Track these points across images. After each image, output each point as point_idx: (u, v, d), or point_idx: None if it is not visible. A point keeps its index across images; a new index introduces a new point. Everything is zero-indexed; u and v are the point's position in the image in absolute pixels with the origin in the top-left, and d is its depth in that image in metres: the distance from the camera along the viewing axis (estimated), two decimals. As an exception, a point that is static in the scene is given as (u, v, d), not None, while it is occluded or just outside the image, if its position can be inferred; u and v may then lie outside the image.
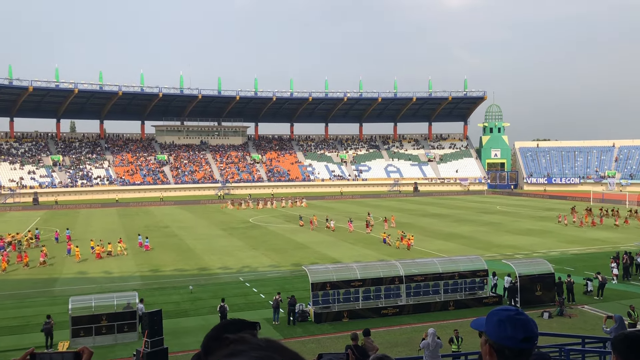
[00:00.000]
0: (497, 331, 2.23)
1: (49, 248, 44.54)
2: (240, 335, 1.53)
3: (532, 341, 2.22)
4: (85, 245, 44.87)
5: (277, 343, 1.47)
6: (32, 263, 39.58)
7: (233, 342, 1.48)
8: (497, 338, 2.23)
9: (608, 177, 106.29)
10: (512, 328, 2.21)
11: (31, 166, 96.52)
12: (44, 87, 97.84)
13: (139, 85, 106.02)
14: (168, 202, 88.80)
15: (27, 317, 27.14)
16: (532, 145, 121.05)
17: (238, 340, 1.48)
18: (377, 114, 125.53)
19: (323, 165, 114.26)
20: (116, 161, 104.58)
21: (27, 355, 1.85)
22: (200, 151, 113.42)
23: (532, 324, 2.25)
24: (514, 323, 2.22)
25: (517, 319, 2.23)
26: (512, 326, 2.21)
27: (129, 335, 23.87)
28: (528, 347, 2.21)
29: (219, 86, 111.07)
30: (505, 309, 2.29)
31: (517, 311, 2.29)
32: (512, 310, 2.29)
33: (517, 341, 2.20)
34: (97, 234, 51.86)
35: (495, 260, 37.25)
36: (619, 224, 55.96)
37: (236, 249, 45.38)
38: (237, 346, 1.46)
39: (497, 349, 2.23)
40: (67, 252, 43.55)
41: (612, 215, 60.79)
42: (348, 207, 78.07)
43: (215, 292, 30.53)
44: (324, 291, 26.51)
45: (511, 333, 2.20)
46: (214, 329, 1.71)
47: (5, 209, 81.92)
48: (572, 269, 34.69)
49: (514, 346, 2.20)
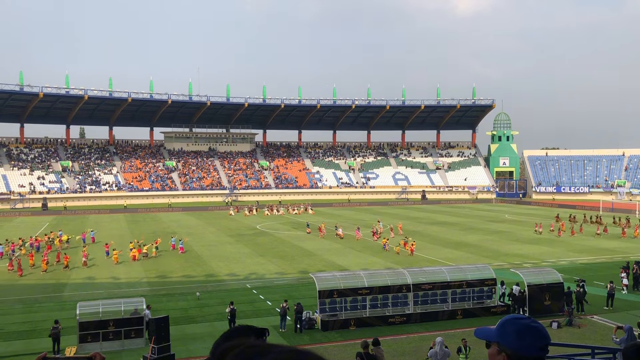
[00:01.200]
0: (516, 341, 2.20)
1: (77, 250, 45.95)
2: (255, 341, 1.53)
3: (547, 349, 2.22)
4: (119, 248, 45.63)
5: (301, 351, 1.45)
6: (70, 264, 40.79)
7: (249, 347, 1.46)
8: (516, 348, 2.19)
9: (618, 186, 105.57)
10: (531, 336, 2.19)
11: (41, 172, 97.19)
12: (54, 93, 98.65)
13: (148, 92, 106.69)
14: (176, 209, 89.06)
15: (36, 322, 27.24)
16: (541, 154, 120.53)
17: (255, 345, 1.46)
18: (385, 122, 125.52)
19: (331, 172, 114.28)
20: (125, 167, 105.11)
21: (40, 359, 1.86)
22: (209, 158, 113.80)
23: (546, 331, 2.25)
24: (532, 331, 2.20)
25: (533, 327, 2.22)
26: (531, 335, 2.20)
27: (136, 341, 23.89)
28: (545, 354, 2.20)
29: (227, 93, 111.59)
30: (519, 318, 2.27)
31: (532, 319, 2.29)
32: (527, 319, 2.27)
33: (537, 349, 2.18)
34: (107, 240, 52.08)
35: (503, 269, 37.02)
36: (600, 233, 55.55)
37: (243, 255, 45.40)
38: (257, 349, 1.44)
39: (515, 358, 2.20)
40: (106, 254, 44.82)
41: (595, 222, 61.73)
42: (356, 215, 77.96)
43: (222, 299, 30.52)
44: (331, 299, 26.44)
45: (530, 342, 2.19)
46: (224, 335, 1.71)
47: (15, 214, 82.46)
48: (583, 278, 34.39)
49: (533, 354, 2.18)
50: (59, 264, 41.20)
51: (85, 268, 40.39)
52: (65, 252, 44.14)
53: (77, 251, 46.11)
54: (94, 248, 48.33)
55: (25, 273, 38.58)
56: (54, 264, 41.02)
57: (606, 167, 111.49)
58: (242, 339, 1.53)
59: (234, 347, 1.48)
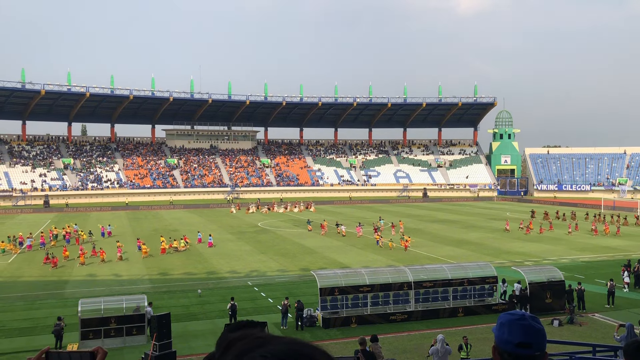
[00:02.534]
0: (497, 334, 2.22)
1: (97, 244, 47.78)
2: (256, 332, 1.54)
3: (530, 348, 2.15)
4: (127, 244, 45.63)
5: (296, 340, 1.48)
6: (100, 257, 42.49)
7: (257, 337, 1.48)
8: (497, 341, 2.21)
9: (619, 184, 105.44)
10: (509, 332, 2.17)
11: (42, 169, 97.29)
12: (56, 90, 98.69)
13: (150, 90, 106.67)
14: (178, 206, 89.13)
15: (37, 318, 27.32)
16: (543, 152, 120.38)
17: (259, 336, 1.48)
18: (387, 119, 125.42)
19: (332, 170, 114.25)
20: (126, 164, 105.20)
21: (43, 353, 1.86)
22: (210, 155, 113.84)
23: (533, 330, 2.18)
24: (512, 327, 2.18)
25: (517, 323, 2.18)
26: (509, 330, 2.17)
27: (137, 338, 23.95)
28: (525, 353, 2.15)
29: (229, 90, 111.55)
30: (511, 313, 2.25)
31: (522, 316, 2.22)
32: (517, 315, 2.23)
33: (512, 345, 2.16)
34: (122, 236, 52.24)
35: (505, 267, 37.02)
36: (571, 231, 55.45)
37: (245, 253, 45.45)
38: (260, 340, 1.46)
39: (499, 352, 2.21)
40: (137, 248, 46.13)
41: (568, 219, 62.48)
42: (357, 212, 77.97)
43: (223, 296, 30.58)
44: (332, 296, 26.47)
45: (507, 337, 2.17)
46: (228, 327, 1.73)
47: (17, 211, 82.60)
48: (583, 276, 34.43)
49: (510, 350, 2.17)
50: (94, 257, 42.92)
51: (102, 264, 41.11)
52: (102, 248, 45.14)
53: (91, 245, 46.40)
54: (108, 242, 49.98)
55: (61, 264, 40.81)
56: (90, 256, 42.89)
57: (608, 165, 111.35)
58: (246, 331, 1.55)
59: (240, 338, 1.49)
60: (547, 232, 56.25)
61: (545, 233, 55.76)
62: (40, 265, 40.39)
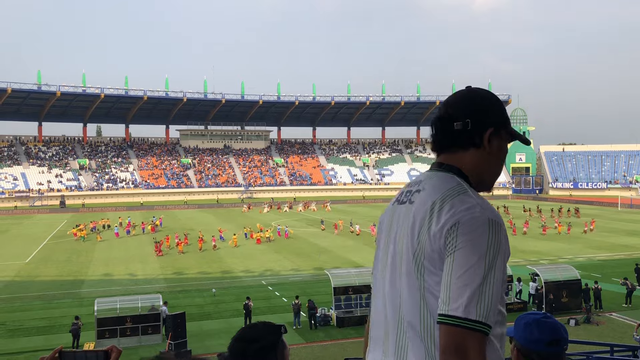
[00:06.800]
0: (524, 335, 2.21)
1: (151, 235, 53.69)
2: None
3: (560, 345, 2.19)
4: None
5: None
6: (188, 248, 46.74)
7: None
8: (524, 342, 2.21)
9: (637, 182, 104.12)
10: (539, 331, 2.18)
11: (58, 169, 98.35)
12: (71, 92, 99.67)
13: (164, 90, 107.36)
14: (192, 206, 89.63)
15: (54, 317, 27.63)
16: (558, 150, 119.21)
17: None
18: (400, 118, 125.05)
19: (345, 169, 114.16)
20: (141, 165, 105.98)
21: (56, 353, 1.88)
22: (224, 155, 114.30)
23: (559, 327, 2.22)
24: (541, 326, 2.19)
25: (543, 322, 2.21)
26: (538, 329, 2.19)
27: (152, 337, 24.13)
28: (556, 350, 2.18)
29: (242, 90, 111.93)
30: (532, 313, 2.28)
31: (545, 315, 2.26)
32: (540, 314, 2.26)
33: (544, 344, 2.17)
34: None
35: (520, 266, 36.72)
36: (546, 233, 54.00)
37: (259, 252, 45.58)
38: None
39: (525, 353, 2.21)
40: (220, 239, 49.20)
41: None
42: (371, 212, 77.80)
43: (238, 296, 30.69)
44: (346, 295, 26.47)
45: (537, 336, 2.18)
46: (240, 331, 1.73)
47: (34, 211, 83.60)
48: (600, 275, 34.06)
49: (540, 350, 2.17)
50: (187, 245, 46.90)
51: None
52: (199, 236, 48.55)
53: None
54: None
55: (164, 252, 45.15)
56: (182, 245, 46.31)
57: (624, 163, 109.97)
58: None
59: None
60: (563, 232, 55.67)
61: (571, 232, 55.17)
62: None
